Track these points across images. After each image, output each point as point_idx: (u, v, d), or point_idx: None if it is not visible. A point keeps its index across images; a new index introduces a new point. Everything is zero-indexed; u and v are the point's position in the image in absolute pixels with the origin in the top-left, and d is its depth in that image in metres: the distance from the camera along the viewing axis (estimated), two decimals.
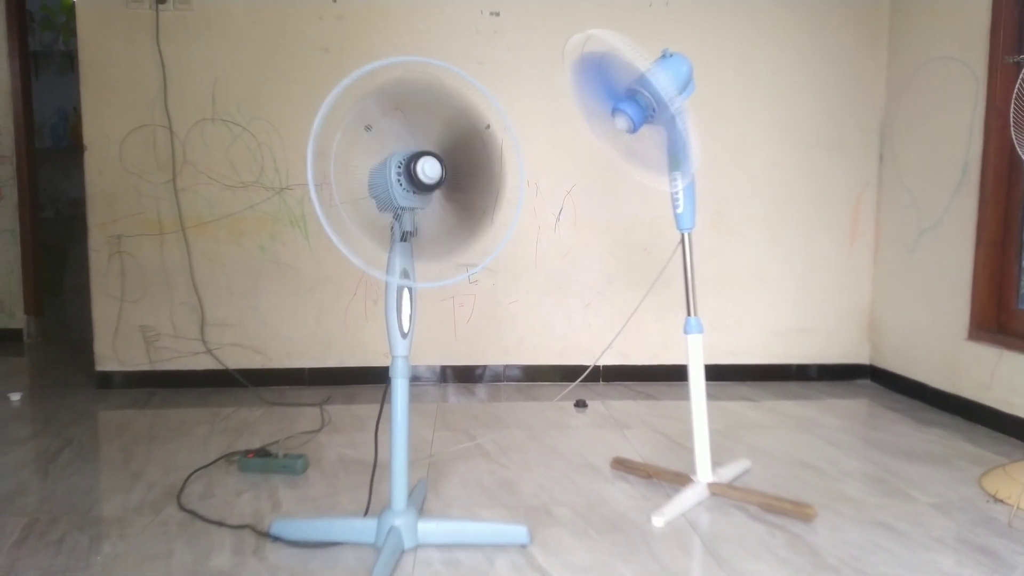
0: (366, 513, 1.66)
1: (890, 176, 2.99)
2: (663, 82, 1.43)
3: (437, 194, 1.48)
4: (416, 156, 1.39)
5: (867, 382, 3.11)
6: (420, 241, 1.50)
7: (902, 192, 2.90)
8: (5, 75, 3.87)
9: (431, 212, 1.51)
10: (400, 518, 1.49)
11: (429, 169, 1.38)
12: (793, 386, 3.03)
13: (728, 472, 1.89)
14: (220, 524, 1.63)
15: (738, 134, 3.00)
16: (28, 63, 4.00)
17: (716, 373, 3.06)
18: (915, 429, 2.40)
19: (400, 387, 1.49)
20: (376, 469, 1.90)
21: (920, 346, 2.78)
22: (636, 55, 1.42)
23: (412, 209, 1.46)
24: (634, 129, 1.52)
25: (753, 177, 3.03)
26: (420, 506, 1.72)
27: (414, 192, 1.41)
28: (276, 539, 1.55)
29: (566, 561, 1.47)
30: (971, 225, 2.51)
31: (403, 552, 1.48)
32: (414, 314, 1.49)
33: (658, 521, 1.64)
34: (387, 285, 1.46)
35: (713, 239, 3.04)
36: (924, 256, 2.76)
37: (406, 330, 1.48)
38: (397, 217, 1.46)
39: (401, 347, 1.48)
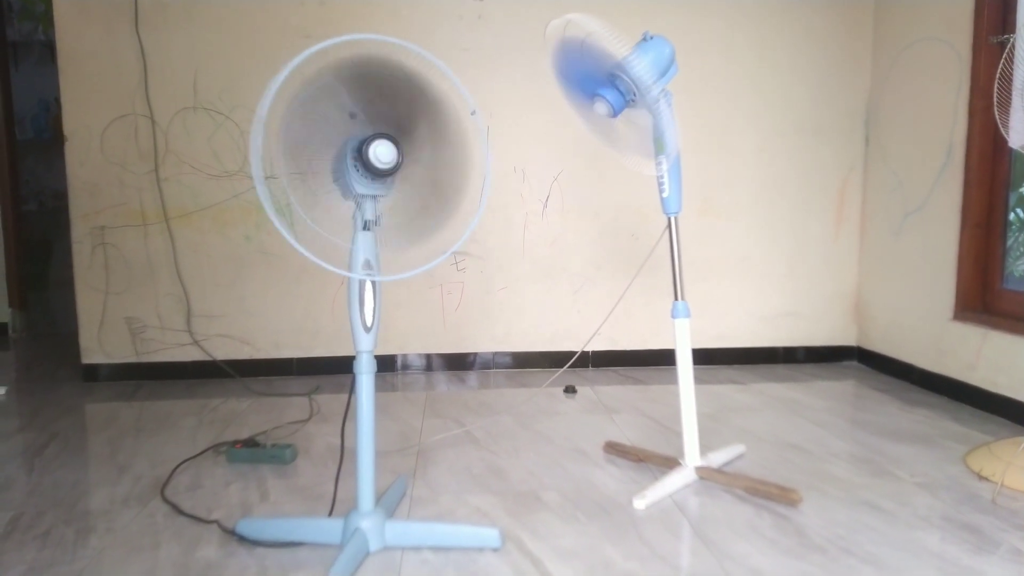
0: (331, 513, 1.60)
1: (875, 159, 3.00)
2: (642, 68, 1.41)
3: (401, 179, 1.40)
4: (369, 140, 1.30)
5: (854, 364, 3.13)
6: (386, 229, 1.43)
7: (887, 175, 2.91)
8: None
9: (398, 198, 1.43)
10: (367, 519, 1.43)
11: (383, 153, 1.29)
12: (781, 369, 3.05)
13: (720, 456, 1.90)
14: (194, 518, 1.61)
15: (724, 119, 3.00)
16: (6, 54, 3.94)
17: (705, 357, 3.08)
18: (901, 410, 2.42)
19: (365, 383, 1.43)
20: (342, 466, 1.88)
21: (906, 327, 2.80)
22: (614, 40, 1.41)
23: (373, 197, 1.38)
24: (614, 114, 1.51)
25: (740, 162, 3.03)
26: (397, 504, 1.66)
27: (371, 179, 1.34)
28: (242, 539, 1.50)
29: (555, 546, 1.47)
30: (956, 206, 2.52)
31: (368, 554, 1.42)
32: (378, 307, 1.42)
33: (639, 503, 1.65)
34: (349, 279, 1.39)
35: (701, 224, 3.04)
36: (910, 238, 2.77)
37: (369, 324, 1.40)
38: (359, 205, 1.38)
39: (365, 342, 1.41)
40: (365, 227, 1.38)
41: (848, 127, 3.05)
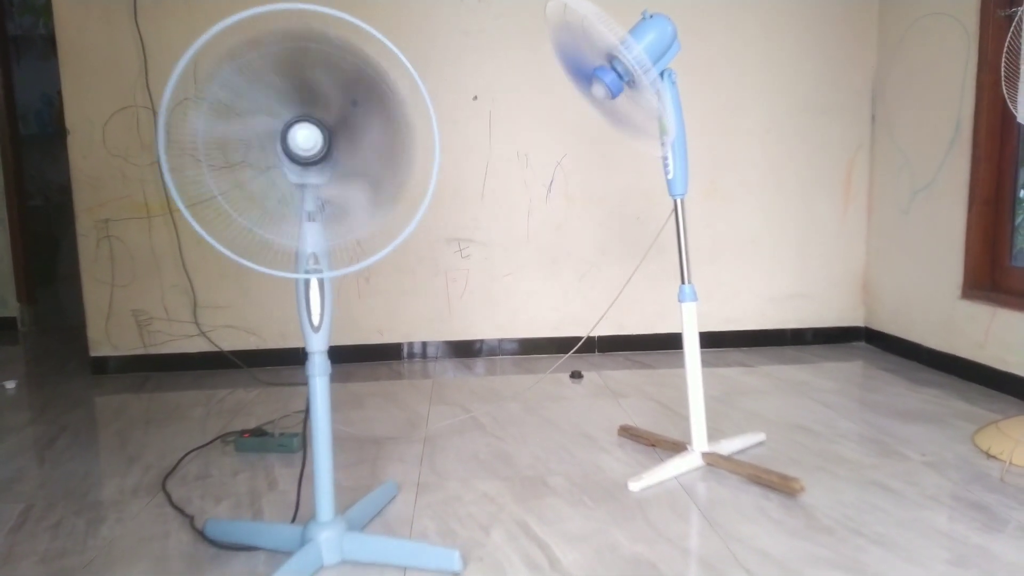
0: (294, 519, 1.53)
1: (883, 137, 2.96)
2: (636, 52, 1.39)
3: (343, 164, 1.26)
4: (289, 124, 1.18)
5: (862, 344, 3.11)
6: (332, 219, 1.30)
7: (895, 153, 2.88)
8: None
9: (342, 184, 1.29)
10: (325, 530, 1.34)
11: (302, 139, 1.17)
12: (789, 351, 3.03)
13: (736, 443, 1.87)
14: (179, 510, 1.60)
15: (731, 99, 2.97)
16: (8, 49, 3.94)
17: (712, 340, 3.07)
18: (910, 389, 2.41)
19: (319, 386, 1.34)
20: (304, 470, 1.80)
21: (914, 307, 2.78)
22: (609, 24, 1.39)
23: (315, 186, 1.25)
24: (613, 96, 1.49)
25: (747, 142, 3.00)
26: (378, 510, 1.58)
27: (301, 167, 1.22)
28: (210, 541, 1.46)
29: (561, 530, 1.48)
30: (964, 184, 2.49)
31: (321, 567, 1.34)
32: (327, 305, 1.31)
33: (634, 486, 1.65)
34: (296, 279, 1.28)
35: (708, 206, 3.02)
36: (917, 217, 2.75)
37: (317, 324, 1.31)
38: (300, 195, 1.27)
39: (315, 342, 1.32)
40: (309, 218, 1.28)
41: (855, 105, 3.02)
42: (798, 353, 2.99)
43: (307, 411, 1.36)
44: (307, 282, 1.30)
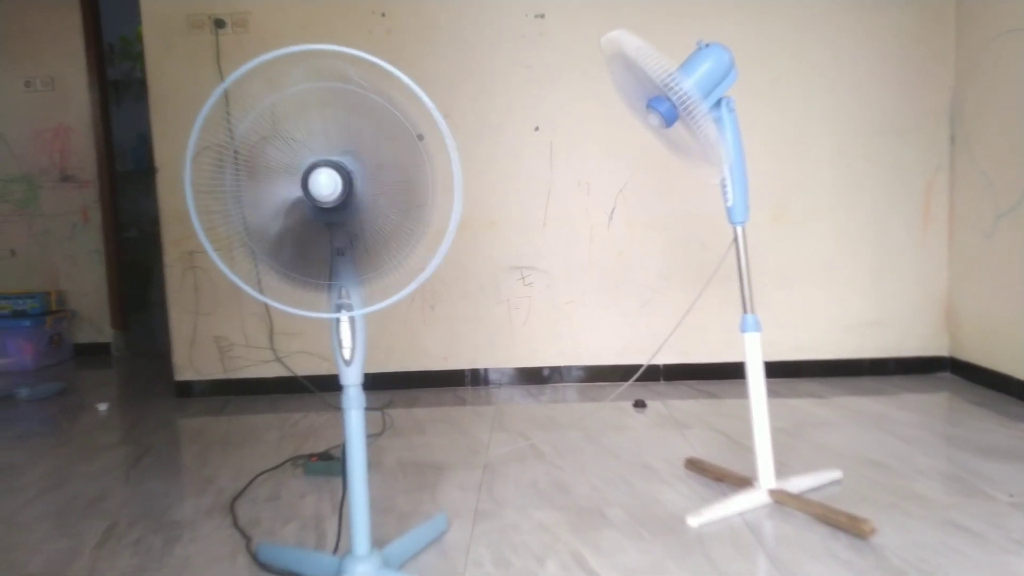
0: (335, 550, 1.54)
1: (963, 159, 2.83)
2: (684, 89, 1.39)
3: (369, 201, 1.25)
4: (309, 169, 1.17)
5: (947, 375, 2.95)
6: (362, 255, 1.30)
7: (977, 175, 2.74)
8: (86, 106, 4.13)
9: (369, 222, 1.27)
10: (360, 564, 1.35)
11: (324, 182, 1.16)
12: (867, 381, 2.91)
13: (808, 481, 1.80)
14: (241, 532, 1.67)
15: (798, 122, 2.91)
16: (106, 93, 4.26)
17: (783, 370, 2.97)
18: (999, 424, 2.27)
19: (354, 419, 1.34)
20: (344, 499, 1.87)
21: (1003, 336, 2.62)
22: (657, 60, 1.39)
23: (342, 224, 1.26)
24: (668, 126, 1.50)
25: (816, 166, 2.93)
26: (424, 544, 1.56)
27: (322, 209, 1.21)
28: (260, 564, 1.50)
29: (617, 562, 1.46)
30: None
31: None
32: (358, 339, 1.32)
33: (693, 521, 1.61)
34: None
35: (776, 231, 2.95)
36: (1003, 241, 2.60)
37: (348, 358, 1.32)
38: (330, 232, 1.28)
39: (348, 376, 1.33)
40: (339, 254, 1.29)
41: (932, 126, 2.90)
42: (876, 384, 2.86)
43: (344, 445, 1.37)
44: (338, 318, 1.31)
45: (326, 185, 1.16)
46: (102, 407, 2.92)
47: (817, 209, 2.94)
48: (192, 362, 3.05)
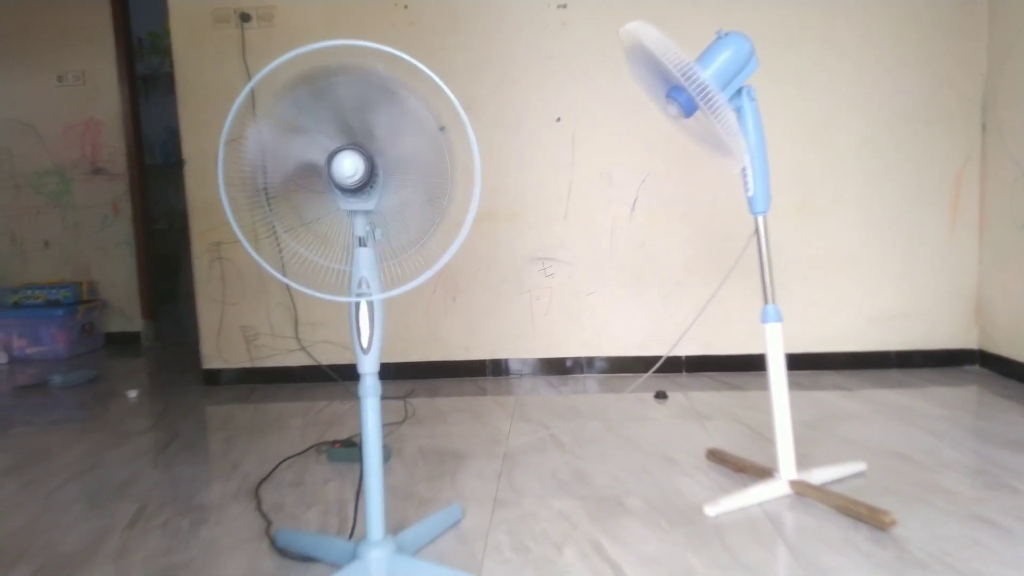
0: (351, 535, 1.57)
1: (995, 147, 2.77)
2: (700, 81, 1.38)
3: (391, 190, 1.30)
4: (333, 154, 1.23)
5: (976, 368, 2.90)
6: (384, 243, 1.35)
7: (1009, 164, 2.68)
8: (116, 100, 4.21)
9: (390, 210, 1.32)
10: (373, 549, 1.36)
11: (348, 166, 1.21)
12: (893, 374, 2.87)
13: (830, 472, 1.79)
14: (263, 516, 1.70)
15: (824, 111, 2.87)
16: (135, 87, 4.33)
17: (808, 362, 2.94)
18: None
19: (370, 407, 1.36)
20: (360, 489, 1.87)
21: None
22: (674, 53, 1.38)
23: (365, 212, 1.30)
24: (687, 115, 1.49)
25: (842, 155, 2.88)
26: (437, 533, 1.57)
27: (348, 194, 1.26)
28: (278, 549, 1.53)
29: (636, 551, 1.46)
30: None
31: None
32: (376, 327, 1.34)
33: (710, 511, 1.61)
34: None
35: (801, 222, 2.91)
36: None
37: (366, 346, 1.34)
38: (350, 221, 1.32)
39: (365, 363, 1.35)
40: (361, 243, 1.32)
41: (963, 114, 2.84)
42: (903, 376, 2.82)
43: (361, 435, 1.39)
44: (357, 305, 1.33)
45: (348, 167, 1.21)
46: (132, 394, 2.99)
47: (843, 199, 2.90)
48: (219, 351, 3.10)
